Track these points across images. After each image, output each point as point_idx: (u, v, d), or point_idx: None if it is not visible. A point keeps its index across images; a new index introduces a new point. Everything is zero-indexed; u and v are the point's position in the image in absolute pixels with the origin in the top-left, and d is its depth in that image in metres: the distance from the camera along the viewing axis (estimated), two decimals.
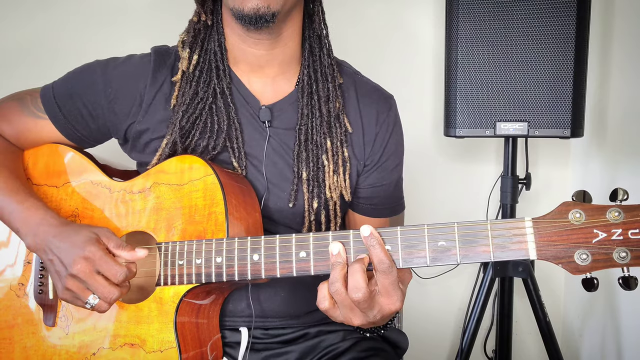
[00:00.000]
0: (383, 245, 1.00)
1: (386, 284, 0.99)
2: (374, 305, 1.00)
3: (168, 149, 1.28)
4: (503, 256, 0.94)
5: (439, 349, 2.53)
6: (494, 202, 2.29)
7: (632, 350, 1.92)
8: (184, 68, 1.30)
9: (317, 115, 1.32)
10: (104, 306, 1.13)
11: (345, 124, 1.33)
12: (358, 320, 1.02)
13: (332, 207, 1.34)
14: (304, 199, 1.31)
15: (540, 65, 1.84)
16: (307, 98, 1.32)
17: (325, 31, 1.37)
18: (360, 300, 0.98)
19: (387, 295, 1.00)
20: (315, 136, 1.32)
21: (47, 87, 1.36)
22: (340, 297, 1.00)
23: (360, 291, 0.97)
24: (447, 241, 0.98)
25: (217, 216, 1.17)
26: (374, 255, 0.99)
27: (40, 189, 1.34)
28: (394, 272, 0.99)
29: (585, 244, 0.90)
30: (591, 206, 0.91)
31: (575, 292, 2.36)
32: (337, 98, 1.34)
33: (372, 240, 1.00)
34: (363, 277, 0.98)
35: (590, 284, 0.91)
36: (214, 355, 1.27)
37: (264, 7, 1.16)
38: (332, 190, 1.32)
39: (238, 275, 1.11)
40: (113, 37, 2.24)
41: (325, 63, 1.35)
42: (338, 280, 1.00)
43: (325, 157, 1.32)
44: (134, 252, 1.15)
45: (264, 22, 1.18)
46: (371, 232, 1.00)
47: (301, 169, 1.31)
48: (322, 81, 1.34)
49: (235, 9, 1.17)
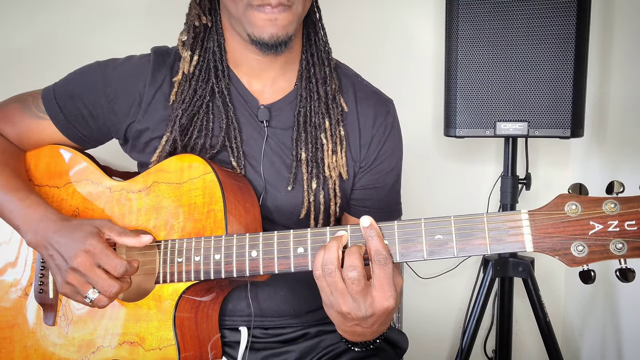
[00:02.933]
0: (382, 237, 1.00)
1: (381, 277, 0.99)
2: (367, 295, 0.99)
3: (168, 147, 1.28)
4: (499, 249, 0.94)
5: (439, 349, 2.52)
6: (494, 202, 2.29)
7: (632, 350, 1.91)
8: (185, 70, 1.31)
9: (315, 97, 1.33)
10: (103, 300, 1.13)
11: (341, 104, 1.35)
12: (346, 307, 1.00)
13: (332, 186, 1.34)
14: (303, 179, 1.32)
15: (540, 65, 1.84)
16: (305, 82, 1.34)
17: (318, 14, 1.38)
18: (354, 278, 0.97)
19: (382, 289, 0.99)
20: (314, 117, 1.33)
21: (49, 88, 1.37)
22: (331, 278, 0.99)
23: (356, 269, 0.97)
24: (443, 234, 0.98)
25: (216, 214, 1.18)
26: (372, 246, 0.99)
27: (41, 189, 1.35)
28: (390, 265, 0.99)
29: (582, 235, 0.90)
30: (587, 198, 0.91)
31: (575, 292, 2.35)
32: (333, 80, 1.35)
33: (372, 231, 1.00)
34: (359, 258, 0.98)
35: (587, 276, 0.91)
36: (213, 354, 1.27)
37: (284, 34, 1.20)
38: (332, 169, 1.33)
39: (236, 271, 1.11)
40: (111, 38, 2.24)
41: (320, 47, 1.37)
42: (333, 262, 0.99)
43: (324, 136, 1.32)
44: (138, 238, 1.16)
45: (282, 47, 1.22)
46: (371, 223, 1.00)
47: (300, 151, 1.31)
48: (319, 64, 1.35)
49: (256, 36, 1.20)
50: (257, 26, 1.19)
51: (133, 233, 1.16)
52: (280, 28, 1.19)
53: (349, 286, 0.98)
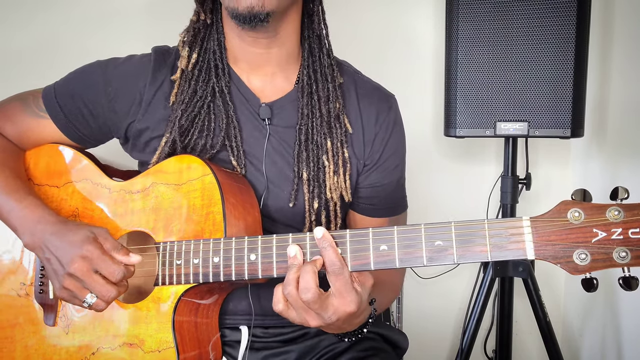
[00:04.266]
0: (335, 247, 1.02)
1: (338, 286, 1.01)
2: (327, 307, 1.02)
3: (167, 148, 1.28)
4: (500, 256, 0.93)
5: (439, 349, 2.52)
6: (494, 202, 2.28)
7: (632, 350, 1.91)
8: (182, 67, 1.30)
9: (317, 115, 1.32)
10: (101, 305, 1.13)
11: (345, 125, 1.33)
12: (315, 322, 1.04)
13: (333, 207, 1.34)
14: (304, 199, 1.31)
15: (540, 65, 1.84)
16: (307, 98, 1.32)
17: (325, 31, 1.36)
18: (309, 300, 1.00)
19: (341, 297, 1.01)
20: (316, 136, 1.31)
21: (49, 87, 1.37)
22: (292, 298, 1.02)
23: (310, 291, 0.99)
24: (443, 241, 0.97)
25: (214, 216, 1.17)
26: (326, 257, 1.02)
27: (41, 189, 1.34)
28: (345, 273, 1.01)
29: (585, 243, 0.89)
30: (590, 205, 0.90)
31: (575, 292, 2.35)
32: (337, 98, 1.33)
33: (324, 242, 1.02)
34: (313, 278, 1.00)
35: (590, 284, 0.91)
36: (214, 355, 1.27)
37: (258, 6, 1.16)
38: (333, 191, 1.32)
39: (235, 275, 1.11)
40: (112, 38, 2.24)
41: (325, 63, 1.35)
42: (291, 283, 1.02)
43: (326, 157, 1.31)
44: (127, 257, 1.14)
45: (258, 21, 1.18)
46: (323, 234, 1.02)
47: (302, 169, 1.30)
48: (322, 81, 1.33)
49: (230, 7, 1.18)
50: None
51: (124, 249, 1.15)
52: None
53: (308, 305, 1.01)
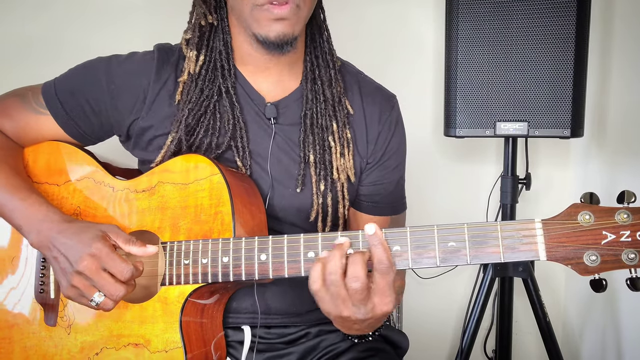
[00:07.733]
0: (386, 246, 1.01)
1: (382, 285, 1.00)
2: (368, 302, 1.01)
3: (173, 146, 1.28)
4: (513, 257, 0.95)
5: (439, 349, 2.53)
6: (494, 202, 2.29)
7: (632, 350, 1.92)
8: (190, 70, 1.30)
9: (322, 99, 1.34)
10: (109, 304, 1.12)
11: (346, 107, 1.36)
12: (347, 312, 1.01)
13: (340, 188, 1.35)
14: (311, 182, 1.32)
15: (540, 65, 1.84)
16: (310, 83, 1.35)
17: (322, 16, 1.38)
18: (357, 289, 0.99)
19: (382, 295, 1.01)
20: (321, 120, 1.33)
21: (49, 83, 1.36)
22: (335, 284, 1.00)
23: (359, 280, 0.98)
24: (457, 242, 0.98)
25: (223, 216, 1.17)
26: (375, 255, 1.00)
27: (40, 187, 1.33)
28: (391, 274, 1.00)
29: (595, 245, 0.91)
30: (600, 208, 0.92)
31: (575, 292, 2.36)
32: (338, 82, 1.36)
33: (375, 239, 1.00)
34: (364, 268, 0.99)
35: (599, 285, 0.93)
36: (218, 355, 1.27)
37: (290, 33, 1.20)
38: (340, 171, 1.34)
39: (245, 275, 1.11)
40: (114, 35, 2.23)
41: (325, 49, 1.37)
42: (337, 270, 1.00)
43: (332, 138, 1.33)
44: (144, 248, 1.15)
45: (288, 46, 1.23)
46: (375, 231, 1.00)
47: (308, 153, 1.32)
48: (324, 66, 1.36)
49: (262, 35, 1.21)
50: (263, 25, 1.19)
51: (139, 242, 1.15)
52: (287, 27, 1.19)
53: (351, 295, 1.00)
